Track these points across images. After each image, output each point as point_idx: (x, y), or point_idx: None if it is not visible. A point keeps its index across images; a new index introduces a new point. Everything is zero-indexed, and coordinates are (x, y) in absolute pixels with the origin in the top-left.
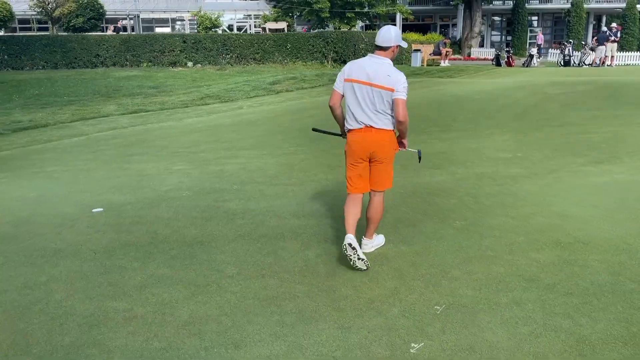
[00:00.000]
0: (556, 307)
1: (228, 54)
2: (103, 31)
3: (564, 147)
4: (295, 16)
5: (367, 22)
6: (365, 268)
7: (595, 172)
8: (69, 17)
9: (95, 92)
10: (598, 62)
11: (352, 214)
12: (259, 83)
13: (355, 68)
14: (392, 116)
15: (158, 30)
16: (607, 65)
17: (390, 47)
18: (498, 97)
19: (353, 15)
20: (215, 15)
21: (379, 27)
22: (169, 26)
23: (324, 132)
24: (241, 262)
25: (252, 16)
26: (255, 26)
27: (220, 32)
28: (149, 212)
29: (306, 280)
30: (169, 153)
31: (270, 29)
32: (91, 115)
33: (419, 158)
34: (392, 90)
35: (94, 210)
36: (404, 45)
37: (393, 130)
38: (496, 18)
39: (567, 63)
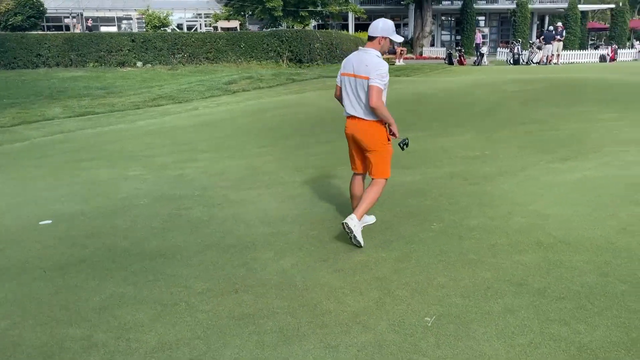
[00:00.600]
0: (550, 313)
1: (179, 54)
2: (44, 30)
3: (530, 145)
4: (247, 15)
5: (321, 21)
6: (360, 246)
7: (565, 169)
8: (7, 15)
9: (38, 94)
10: (545, 60)
11: (355, 197)
12: (213, 83)
13: (346, 61)
14: None
15: (103, 29)
16: (554, 64)
17: (376, 37)
18: (459, 95)
19: (307, 14)
20: (164, 14)
21: (333, 27)
22: (115, 25)
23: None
24: (210, 276)
25: (203, 15)
26: (206, 25)
27: (169, 31)
28: (105, 223)
29: (284, 294)
30: (122, 157)
31: (222, 28)
32: (34, 119)
33: (401, 146)
34: (368, 79)
35: (41, 222)
36: (396, 39)
37: (378, 120)
38: (445, 18)
39: (516, 61)
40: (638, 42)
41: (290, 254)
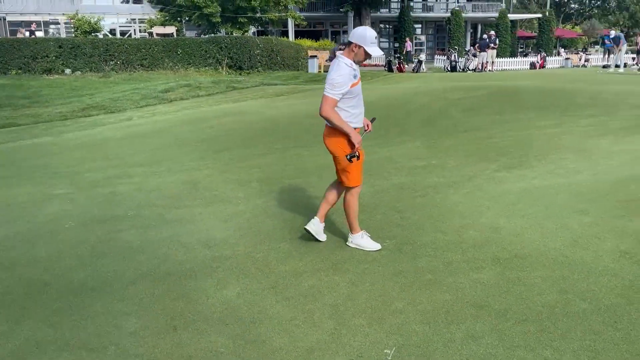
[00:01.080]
0: (515, 338)
1: (112, 60)
2: None
3: (474, 153)
4: (184, 21)
5: (260, 27)
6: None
7: (511, 178)
8: None
9: None
10: (480, 67)
11: (324, 197)
12: (149, 91)
13: None
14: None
15: (29, 34)
16: (489, 71)
17: (351, 44)
18: (402, 104)
19: (245, 20)
20: (95, 19)
21: (273, 33)
22: (41, 30)
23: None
24: (145, 311)
25: (137, 20)
26: (140, 31)
27: (101, 36)
28: (23, 252)
29: (228, 329)
30: (46, 174)
31: (158, 34)
32: None
33: (348, 158)
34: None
35: None
36: (371, 51)
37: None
38: (384, 25)
39: (453, 68)
40: (563, 49)
41: (235, 282)
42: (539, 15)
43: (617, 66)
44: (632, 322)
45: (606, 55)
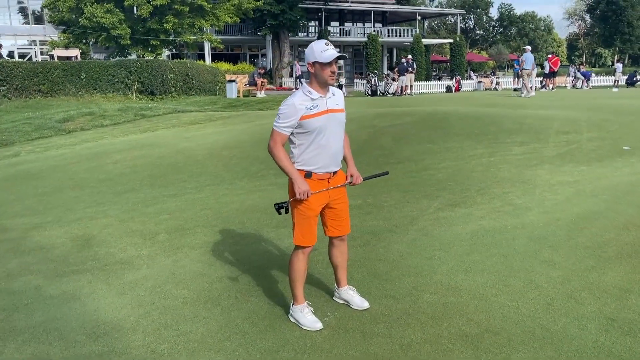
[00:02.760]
0: None
1: (4, 86)
2: None
3: (412, 188)
4: (91, 43)
5: (175, 50)
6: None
7: (457, 219)
8: None
9: None
10: (400, 91)
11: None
12: (44, 121)
13: None
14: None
15: None
16: (408, 94)
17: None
18: None
19: (158, 42)
20: None
21: (188, 56)
22: None
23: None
24: None
25: (37, 42)
26: (42, 53)
27: None
28: None
29: None
30: None
31: (59, 57)
32: None
33: (277, 210)
34: None
35: None
36: (324, 58)
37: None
38: (302, 49)
39: (374, 92)
40: (473, 73)
41: None
42: (451, 40)
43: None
44: None
45: (516, 79)
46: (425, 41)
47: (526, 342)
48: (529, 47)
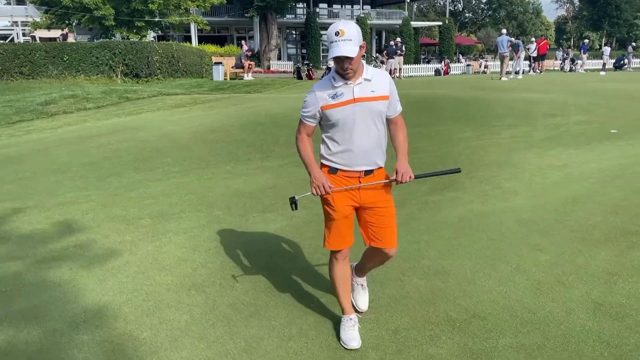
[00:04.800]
0: None
1: None
2: None
3: None
4: (73, 24)
5: (160, 32)
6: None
7: (445, 203)
8: None
9: None
10: (389, 74)
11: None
12: (25, 104)
13: None
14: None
15: None
16: (397, 77)
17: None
18: None
19: (143, 24)
20: None
21: (174, 38)
22: None
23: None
24: None
25: (19, 23)
26: (24, 35)
27: None
28: None
29: None
30: None
31: (41, 38)
32: None
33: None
34: None
35: None
36: (329, 54)
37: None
38: (290, 31)
39: None
40: (462, 56)
41: None
42: (440, 23)
43: (516, 72)
44: None
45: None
46: (414, 24)
47: (514, 327)
48: (504, 31)
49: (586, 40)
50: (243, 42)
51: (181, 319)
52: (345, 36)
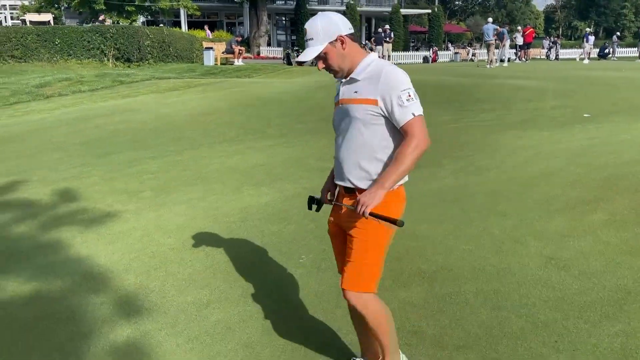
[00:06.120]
0: None
1: None
2: None
3: None
4: (62, 7)
5: (150, 17)
6: None
7: (423, 178)
8: None
9: None
10: None
11: None
12: (20, 86)
13: None
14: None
15: None
16: None
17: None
18: (304, 99)
19: (133, 8)
20: None
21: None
22: None
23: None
24: None
25: (7, 7)
26: (12, 18)
27: None
28: None
29: None
30: None
31: (32, 22)
32: None
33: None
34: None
35: None
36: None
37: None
38: (280, 18)
39: None
40: (451, 44)
41: (124, 322)
42: (429, 10)
43: (501, 60)
44: (572, 341)
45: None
46: (403, 11)
47: (476, 277)
48: (490, 19)
49: (588, 29)
50: (206, 26)
51: (185, 272)
52: (307, 35)
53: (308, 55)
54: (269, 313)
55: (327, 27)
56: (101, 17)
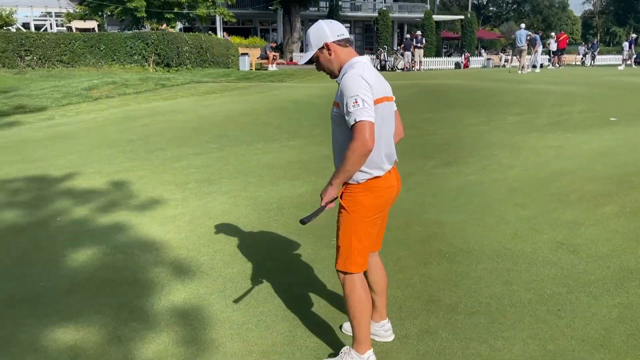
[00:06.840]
0: (467, 330)
1: (28, 56)
2: None
3: (411, 150)
4: (106, 15)
5: (187, 24)
6: None
7: (449, 174)
8: None
9: None
10: (408, 66)
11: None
12: (71, 89)
13: (374, 79)
14: None
15: None
16: (416, 70)
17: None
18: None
19: (172, 16)
20: (7, 12)
21: (200, 30)
22: None
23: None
24: (84, 322)
25: (53, 14)
26: (57, 25)
27: (13, 30)
28: None
29: (178, 336)
30: None
31: (77, 29)
32: None
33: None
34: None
35: None
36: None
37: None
38: (313, 24)
39: (383, 67)
40: (484, 50)
41: (180, 287)
42: (462, 17)
43: (534, 66)
44: (574, 310)
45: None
46: (436, 17)
47: (491, 258)
48: (523, 25)
49: (633, 35)
50: (225, 33)
51: (230, 249)
52: (305, 42)
53: (302, 60)
54: (302, 284)
55: (315, 35)
56: (163, 26)
